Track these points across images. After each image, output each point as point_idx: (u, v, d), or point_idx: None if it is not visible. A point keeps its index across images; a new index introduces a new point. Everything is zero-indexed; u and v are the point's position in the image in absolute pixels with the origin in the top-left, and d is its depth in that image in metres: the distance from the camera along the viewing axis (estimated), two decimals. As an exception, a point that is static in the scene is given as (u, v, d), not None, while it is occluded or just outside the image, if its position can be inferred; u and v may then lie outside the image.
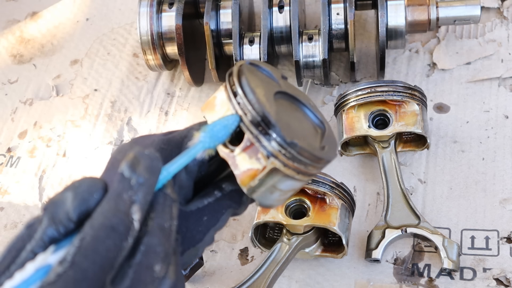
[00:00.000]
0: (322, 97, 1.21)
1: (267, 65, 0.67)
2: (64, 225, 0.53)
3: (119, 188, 0.53)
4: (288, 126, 0.60)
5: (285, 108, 0.64)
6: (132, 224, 0.52)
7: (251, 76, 0.61)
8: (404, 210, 0.99)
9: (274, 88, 0.64)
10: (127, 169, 0.53)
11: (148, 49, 1.18)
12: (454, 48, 1.22)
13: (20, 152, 1.26)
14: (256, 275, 0.93)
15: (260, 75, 0.64)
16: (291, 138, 0.59)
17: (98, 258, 0.49)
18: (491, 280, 0.93)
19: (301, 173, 0.61)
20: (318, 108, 0.68)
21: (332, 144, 0.66)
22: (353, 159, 1.11)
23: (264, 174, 0.60)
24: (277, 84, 0.65)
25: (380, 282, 0.96)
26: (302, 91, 0.70)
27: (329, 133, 0.66)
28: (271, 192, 0.62)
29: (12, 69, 1.40)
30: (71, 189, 0.54)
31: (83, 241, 0.50)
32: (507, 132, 1.09)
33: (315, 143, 0.63)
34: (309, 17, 1.31)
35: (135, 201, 0.52)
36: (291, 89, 0.67)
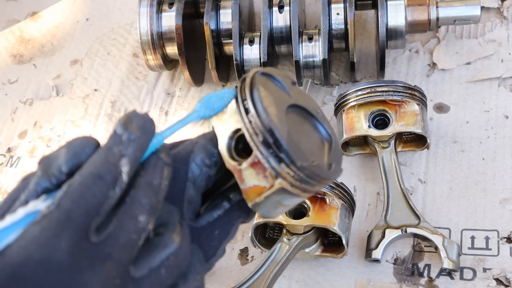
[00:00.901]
0: (322, 97, 1.21)
1: (278, 72, 0.66)
2: (56, 177, 0.55)
3: (110, 143, 0.55)
4: (297, 145, 0.60)
5: (295, 123, 0.63)
6: (120, 175, 0.53)
7: (264, 92, 0.61)
8: (404, 210, 0.99)
9: (286, 103, 0.63)
10: (119, 127, 0.55)
11: (148, 49, 1.18)
12: (454, 48, 1.22)
13: (20, 152, 1.26)
14: (256, 275, 0.93)
15: (272, 87, 0.63)
16: (301, 161, 0.59)
17: (83, 202, 0.51)
18: (491, 280, 0.93)
19: (307, 191, 0.61)
20: (325, 117, 0.68)
21: (338, 158, 0.65)
22: (353, 159, 1.11)
23: (271, 193, 0.60)
24: (288, 96, 0.64)
25: (380, 282, 0.96)
26: (310, 97, 0.69)
27: (335, 145, 0.66)
28: (275, 207, 0.62)
29: (12, 69, 1.40)
30: (65, 145, 0.57)
31: (71, 186, 0.52)
32: (507, 132, 1.09)
33: (323, 161, 0.63)
34: (309, 17, 1.31)
35: (125, 154, 0.54)
36: (301, 99, 0.66)
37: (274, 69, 0.67)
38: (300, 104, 0.65)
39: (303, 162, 0.59)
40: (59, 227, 0.50)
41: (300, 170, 0.58)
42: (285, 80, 0.66)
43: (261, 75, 0.63)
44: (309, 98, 0.69)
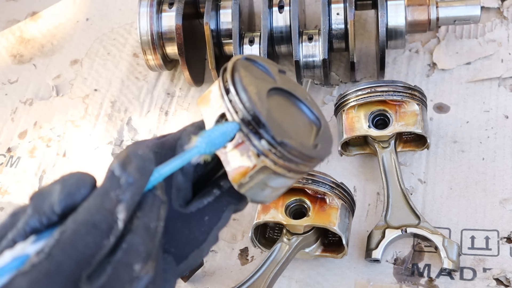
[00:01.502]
0: (322, 97, 1.21)
1: (264, 60, 0.67)
2: (48, 217, 0.52)
3: (107, 185, 0.53)
4: (279, 124, 0.60)
5: (279, 105, 0.64)
6: (116, 223, 0.51)
7: (244, 73, 0.61)
8: (404, 210, 0.99)
9: (269, 85, 0.63)
10: (117, 168, 0.53)
11: (148, 49, 1.18)
12: (454, 48, 1.22)
13: (20, 152, 1.26)
14: (256, 275, 0.93)
15: (255, 71, 0.64)
16: (281, 137, 0.59)
17: (75, 253, 0.49)
18: (491, 280, 0.93)
19: (292, 171, 0.61)
20: (316, 103, 0.68)
21: (327, 141, 0.65)
22: (353, 159, 1.11)
23: (255, 172, 0.60)
24: (272, 80, 0.65)
25: (380, 282, 0.96)
26: (299, 85, 0.69)
27: (324, 129, 0.66)
28: (262, 189, 0.62)
29: (12, 69, 1.40)
30: (59, 181, 0.54)
31: (63, 234, 0.49)
32: (507, 132, 1.09)
33: (308, 141, 0.63)
34: (309, 17, 1.31)
35: (122, 200, 0.52)
36: (287, 84, 0.67)
37: (259, 56, 0.68)
38: (286, 89, 0.65)
39: (284, 139, 0.59)
40: (49, 280, 0.47)
41: (281, 146, 0.59)
42: (270, 66, 0.66)
43: (244, 60, 0.64)
44: (298, 85, 0.69)
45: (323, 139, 0.65)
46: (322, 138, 0.65)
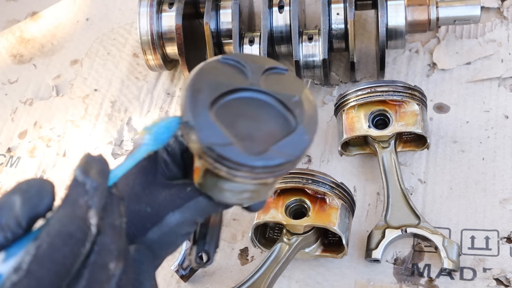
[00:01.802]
0: (322, 97, 1.21)
1: (255, 58, 0.66)
2: (13, 231, 0.51)
3: (74, 193, 0.52)
4: (218, 127, 0.60)
5: (239, 107, 0.63)
6: (89, 229, 0.51)
7: (199, 77, 0.62)
8: (404, 210, 0.99)
9: (230, 87, 0.63)
10: (80, 173, 0.53)
11: (148, 49, 1.18)
12: (454, 48, 1.22)
13: (20, 152, 1.26)
14: (256, 275, 0.93)
15: (225, 72, 0.64)
16: (215, 141, 0.59)
17: (54, 266, 0.49)
18: (491, 280, 0.93)
19: (238, 176, 0.60)
20: (311, 103, 0.66)
21: (291, 146, 0.62)
22: (353, 159, 1.11)
23: (203, 173, 0.62)
24: (244, 80, 0.64)
25: (380, 282, 0.96)
26: (298, 83, 0.67)
27: (298, 133, 0.63)
28: (220, 191, 0.63)
29: (12, 69, 1.40)
30: (18, 192, 0.52)
31: (39, 249, 0.49)
32: (507, 132, 1.09)
33: (260, 146, 0.61)
34: (309, 17, 1.31)
35: (92, 205, 0.52)
36: (271, 85, 0.65)
37: (248, 55, 0.67)
38: (259, 89, 0.64)
39: (214, 142, 0.59)
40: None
41: (210, 150, 0.59)
42: (256, 65, 0.65)
43: (214, 62, 0.65)
44: (291, 84, 0.67)
45: (288, 143, 0.62)
46: (286, 144, 0.62)
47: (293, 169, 1.04)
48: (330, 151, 1.13)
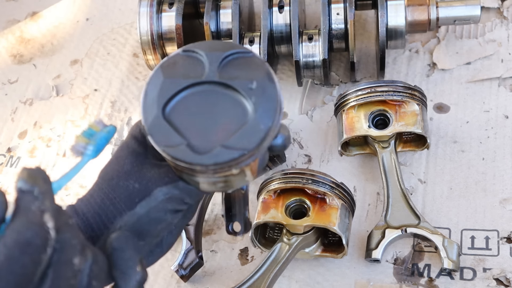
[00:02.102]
0: (322, 97, 1.21)
1: (215, 46, 0.66)
2: None
3: (25, 202, 0.52)
4: (172, 126, 0.61)
5: (195, 102, 0.63)
6: (48, 233, 0.51)
7: (155, 78, 0.64)
8: (404, 210, 0.99)
9: (185, 82, 0.63)
10: (25, 184, 0.53)
11: (148, 49, 1.18)
12: (454, 48, 1.22)
13: (20, 152, 1.26)
14: (256, 275, 0.93)
15: (179, 68, 0.64)
16: (167, 140, 0.61)
17: (13, 277, 0.48)
18: (491, 280, 0.93)
19: (200, 172, 0.62)
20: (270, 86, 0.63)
21: (245, 138, 0.61)
22: (353, 159, 1.11)
23: (173, 169, 0.66)
24: (200, 73, 0.64)
25: (380, 282, 0.96)
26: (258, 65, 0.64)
27: (252, 124, 0.61)
28: (195, 183, 0.66)
29: (12, 69, 1.40)
30: None
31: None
32: (507, 132, 1.09)
33: (208, 144, 0.61)
34: (309, 17, 1.31)
35: (45, 209, 0.51)
36: (227, 73, 0.64)
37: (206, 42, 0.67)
38: (217, 80, 0.63)
39: (166, 145, 0.61)
40: None
41: (164, 152, 0.61)
42: (214, 53, 0.64)
43: (174, 55, 0.65)
44: (251, 69, 0.64)
45: (241, 136, 0.61)
46: (241, 135, 0.61)
47: (293, 169, 1.04)
48: (330, 151, 1.13)
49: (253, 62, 0.65)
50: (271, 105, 0.63)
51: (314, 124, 1.18)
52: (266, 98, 0.63)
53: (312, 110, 1.20)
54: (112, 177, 0.67)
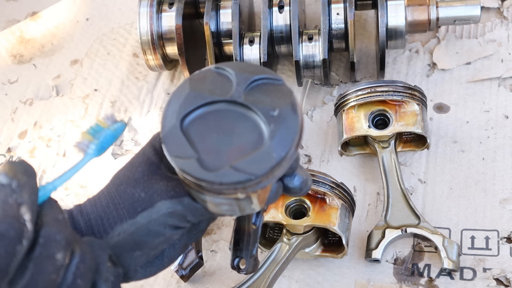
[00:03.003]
0: (322, 97, 1.21)
1: (247, 68, 0.65)
2: None
3: (1, 195, 0.51)
4: (187, 142, 0.61)
5: (215, 119, 0.63)
6: (24, 226, 0.51)
7: (182, 88, 0.63)
8: (404, 210, 0.99)
9: (206, 100, 0.63)
10: (4, 177, 0.52)
11: (148, 49, 1.18)
12: (454, 48, 1.22)
13: (20, 152, 1.26)
14: (256, 275, 0.93)
15: (207, 83, 0.64)
16: (180, 155, 0.60)
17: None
18: (491, 280, 0.93)
19: (206, 190, 0.61)
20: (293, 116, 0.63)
21: (255, 163, 0.61)
22: (353, 159, 1.11)
23: (183, 183, 0.64)
24: (225, 92, 0.63)
25: (380, 282, 0.96)
26: (287, 94, 0.64)
27: (265, 150, 0.61)
28: (202, 201, 0.64)
29: (12, 69, 1.40)
30: None
31: None
32: (507, 132, 1.09)
33: (218, 162, 0.60)
34: (309, 17, 1.31)
35: (22, 202, 0.51)
36: (255, 95, 0.63)
37: (247, 65, 0.66)
38: (240, 101, 0.63)
39: (177, 155, 0.60)
40: None
41: (173, 162, 0.60)
42: (242, 76, 0.64)
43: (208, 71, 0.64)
44: (278, 96, 0.64)
45: (252, 160, 0.61)
46: (252, 159, 0.61)
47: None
48: (330, 151, 1.13)
49: (280, 90, 0.64)
50: (289, 136, 0.63)
51: (314, 124, 1.18)
52: (285, 128, 0.62)
53: (312, 110, 1.20)
54: (121, 182, 0.67)
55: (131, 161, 0.70)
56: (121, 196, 0.65)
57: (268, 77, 0.64)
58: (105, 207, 0.65)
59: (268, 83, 0.64)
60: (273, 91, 0.64)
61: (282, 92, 0.64)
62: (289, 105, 0.63)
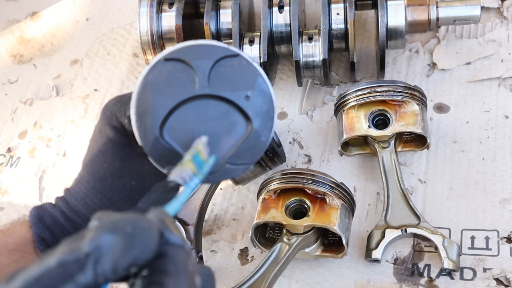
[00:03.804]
0: (322, 97, 1.21)
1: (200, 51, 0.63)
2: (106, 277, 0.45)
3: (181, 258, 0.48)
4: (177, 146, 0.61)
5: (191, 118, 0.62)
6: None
7: (143, 95, 0.61)
8: (404, 210, 0.99)
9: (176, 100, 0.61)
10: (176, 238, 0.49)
11: (148, 49, 1.18)
12: (454, 48, 1.22)
13: (20, 152, 1.26)
14: (256, 275, 0.93)
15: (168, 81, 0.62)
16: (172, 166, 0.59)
17: None
18: (491, 280, 0.93)
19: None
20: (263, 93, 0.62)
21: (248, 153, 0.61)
22: (353, 159, 1.11)
23: None
24: (191, 85, 0.62)
25: (380, 282, 0.96)
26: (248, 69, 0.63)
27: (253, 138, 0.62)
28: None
29: (12, 69, 1.40)
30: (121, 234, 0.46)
31: None
32: (507, 132, 1.09)
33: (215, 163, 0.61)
34: (309, 17, 1.31)
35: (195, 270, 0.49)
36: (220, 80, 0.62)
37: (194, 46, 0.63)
38: (211, 93, 0.62)
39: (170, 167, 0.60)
40: None
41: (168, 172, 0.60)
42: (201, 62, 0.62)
43: (160, 65, 0.62)
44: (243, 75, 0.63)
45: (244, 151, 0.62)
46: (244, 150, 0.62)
47: (293, 169, 1.04)
48: (330, 151, 1.13)
49: (241, 66, 0.63)
50: (269, 114, 0.63)
51: (314, 124, 1.18)
52: (264, 107, 0.62)
53: (312, 110, 1.20)
54: (104, 176, 0.66)
55: (99, 149, 0.67)
56: (113, 190, 0.64)
57: (225, 55, 0.63)
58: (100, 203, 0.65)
59: (226, 62, 0.63)
60: (235, 69, 0.63)
61: (245, 68, 0.63)
62: (257, 82, 0.63)
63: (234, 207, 1.09)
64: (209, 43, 0.64)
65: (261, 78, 0.63)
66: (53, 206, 0.72)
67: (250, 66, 0.63)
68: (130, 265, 0.46)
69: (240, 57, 0.63)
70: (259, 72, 0.63)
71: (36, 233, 0.70)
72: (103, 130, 0.68)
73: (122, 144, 0.66)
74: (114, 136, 0.66)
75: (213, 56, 0.63)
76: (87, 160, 0.69)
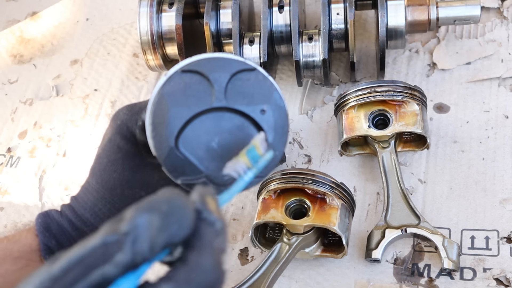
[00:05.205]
0: (322, 97, 1.21)
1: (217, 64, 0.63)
2: (143, 256, 0.46)
3: (208, 235, 0.48)
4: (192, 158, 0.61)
5: (207, 130, 0.62)
6: (224, 275, 0.49)
7: (159, 106, 0.61)
8: (404, 210, 0.99)
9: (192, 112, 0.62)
10: (209, 213, 0.49)
11: (148, 49, 1.18)
12: (454, 48, 1.22)
13: (20, 152, 1.26)
14: (256, 275, 0.93)
15: (184, 93, 0.62)
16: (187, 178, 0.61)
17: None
18: (491, 280, 0.93)
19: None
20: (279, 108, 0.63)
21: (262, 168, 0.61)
22: (353, 159, 1.11)
23: None
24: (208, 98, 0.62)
25: (380, 282, 0.96)
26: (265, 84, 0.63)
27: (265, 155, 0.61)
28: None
29: (12, 69, 1.40)
30: (157, 212, 0.47)
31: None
32: (507, 132, 1.09)
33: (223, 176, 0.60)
34: (309, 17, 1.31)
35: (223, 249, 0.49)
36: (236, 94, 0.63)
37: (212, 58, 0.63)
38: (227, 106, 0.63)
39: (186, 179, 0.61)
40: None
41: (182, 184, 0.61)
42: (218, 75, 0.63)
43: (177, 77, 0.62)
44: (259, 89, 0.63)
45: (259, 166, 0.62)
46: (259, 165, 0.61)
47: (293, 169, 1.04)
48: (330, 151, 1.13)
49: (257, 80, 0.64)
50: (283, 129, 0.63)
51: (314, 124, 1.18)
52: (276, 123, 0.63)
53: (312, 110, 1.20)
54: (114, 186, 0.65)
55: (108, 157, 0.67)
56: (122, 200, 0.64)
57: (242, 68, 0.64)
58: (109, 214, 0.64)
59: (243, 76, 0.63)
60: (252, 83, 0.63)
61: (261, 82, 0.64)
62: (273, 96, 0.63)
63: (234, 207, 1.09)
64: (226, 56, 0.65)
65: (277, 93, 0.64)
66: (60, 214, 0.71)
67: (266, 81, 0.64)
68: (166, 243, 0.46)
69: (257, 72, 0.64)
70: (275, 87, 0.63)
71: (42, 241, 0.69)
72: (113, 139, 0.68)
73: (133, 154, 0.66)
74: (125, 146, 0.66)
75: (230, 70, 0.63)
76: (96, 169, 0.69)
